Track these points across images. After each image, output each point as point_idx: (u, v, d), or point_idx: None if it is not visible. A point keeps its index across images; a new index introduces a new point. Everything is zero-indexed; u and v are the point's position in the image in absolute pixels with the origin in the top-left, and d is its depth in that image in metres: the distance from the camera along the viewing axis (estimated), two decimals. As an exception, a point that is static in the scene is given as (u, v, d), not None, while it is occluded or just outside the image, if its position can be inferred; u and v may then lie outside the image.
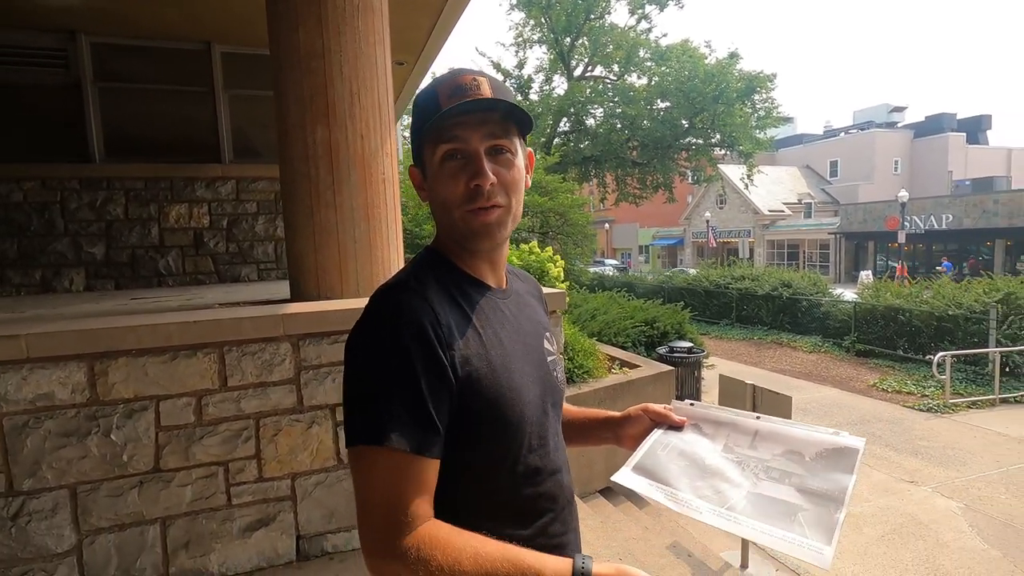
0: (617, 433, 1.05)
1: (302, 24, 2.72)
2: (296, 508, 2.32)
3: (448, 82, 0.81)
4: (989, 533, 4.23)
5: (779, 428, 0.92)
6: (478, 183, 0.79)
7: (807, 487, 0.81)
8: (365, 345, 0.76)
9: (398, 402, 0.71)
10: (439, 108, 0.79)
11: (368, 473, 0.71)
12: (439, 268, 0.86)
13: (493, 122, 0.81)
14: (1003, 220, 23.73)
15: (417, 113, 0.85)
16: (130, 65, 5.12)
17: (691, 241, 38.87)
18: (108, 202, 5.04)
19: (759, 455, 0.88)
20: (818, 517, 0.76)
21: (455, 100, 0.79)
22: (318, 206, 2.76)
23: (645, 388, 4.47)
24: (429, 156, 0.83)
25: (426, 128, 0.81)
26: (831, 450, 0.85)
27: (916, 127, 38.43)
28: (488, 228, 0.83)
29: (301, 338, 2.28)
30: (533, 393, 0.85)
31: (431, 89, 0.83)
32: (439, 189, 0.83)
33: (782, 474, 0.84)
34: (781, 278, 13.52)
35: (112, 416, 2.04)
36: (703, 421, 0.98)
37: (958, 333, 9.09)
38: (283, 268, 5.46)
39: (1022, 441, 6.29)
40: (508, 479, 0.82)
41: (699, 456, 0.90)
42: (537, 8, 19.06)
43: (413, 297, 0.78)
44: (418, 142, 0.85)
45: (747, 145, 18.45)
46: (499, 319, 0.86)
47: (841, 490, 0.79)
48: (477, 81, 0.81)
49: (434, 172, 0.83)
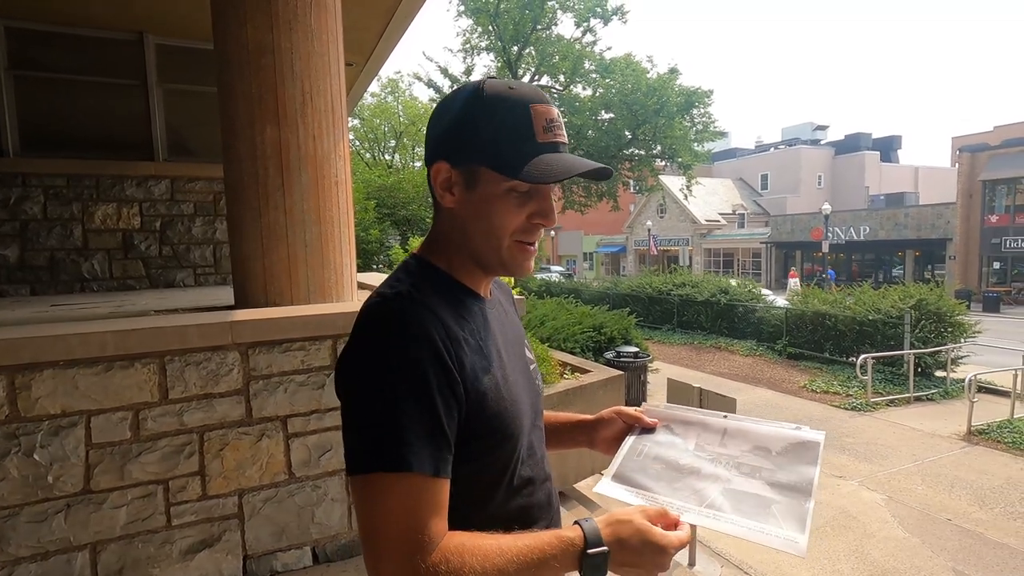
0: (590, 436, 1.05)
1: (250, 19, 2.61)
2: (244, 526, 2.20)
3: (542, 107, 0.76)
4: (909, 522, 4.56)
5: (746, 426, 0.96)
6: (543, 222, 0.79)
7: (776, 480, 0.84)
8: (368, 362, 0.70)
9: (412, 422, 0.67)
10: (533, 137, 0.75)
11: (382, 500, 0.66)
12: (432, 278, 0.82)
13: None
14: (912, 232, 25.90)
15: (497, 123, 0.75)
16: (52, 53, 4.74)
17: (633, 249, 40.01)
18: (24, 200, 4.63)
19: (729, 452, 0.91)
20: (790, 508, 0.79)
21: (549, 136, 0.75)
22: (267, 208, 2.64)
23: (596, 393, 4.54)
24: (493, 176, 0.76)
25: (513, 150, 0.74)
26: (794, 444, 0.90)
27: (837, 144, 41.31)
28: (528, 266, 0.83)
29: (251, 346, 2.17)
30: (526, 403, 0.85)
31: (522, 105, 0.76)
32: (496, 214, 0.77)
33: (752, 469, 0.87)
34: (719, 285, 14.13)
35: (35, 434, 1.87)
36: (674, 422, 1.00)
37: (877, 336, 9.79)
38: (223, 273, 5.19)
39: (933, 436, 6.84)
40: (503, 491, 0.81)
41: (673, 457, 0.93)
42: (485, 16, 19.18)
43: (417, 308, 0.73)
44: (481, 155, 0.76)
45: (686, 157, 19.25)
46: (492, 329, 0.84)
47: (808, 481, 0.83)
48: (560, 117, 0.79)
49: (495, 194, 0.76)
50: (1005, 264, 23.80)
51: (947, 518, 4.63)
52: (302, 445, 2.29)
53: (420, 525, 0.66)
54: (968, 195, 24.27)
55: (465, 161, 0.77)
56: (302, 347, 2.28)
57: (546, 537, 0.69)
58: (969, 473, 5.59)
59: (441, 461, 0.69)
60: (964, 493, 5.13)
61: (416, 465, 0.66)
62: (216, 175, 4.62)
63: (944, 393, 8.60)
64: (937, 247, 25.27)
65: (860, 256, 28.81)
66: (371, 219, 12.61)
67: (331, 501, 2.35)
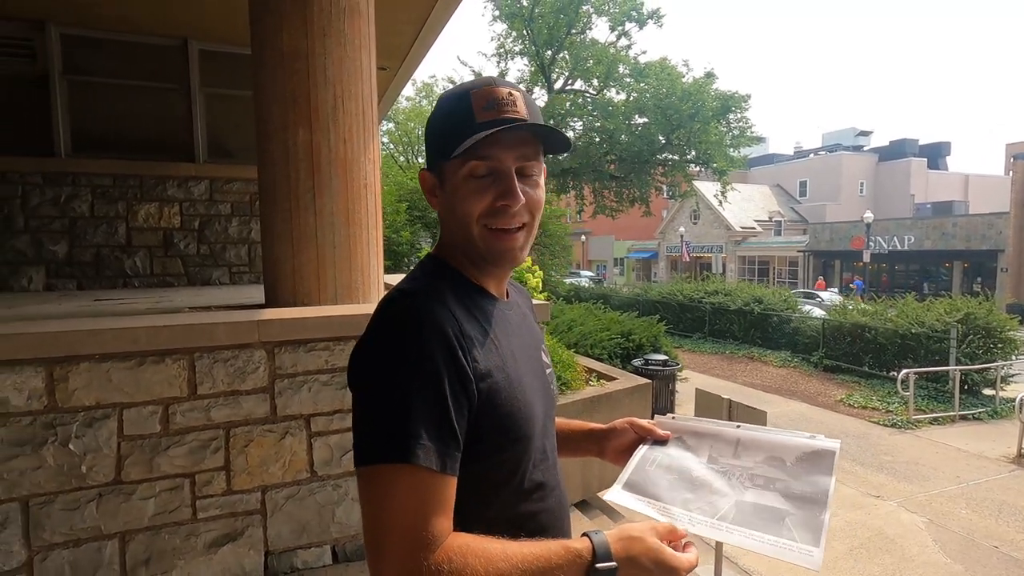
0: (601, 446, 1.04)
1: (286, 25, 2.66)
2: (266, 522, 2.23)
3: (482, 91, 0.78)
4: (952, 548, 4.34)
5: (759, 436, 0.93)
6: (507, 203, 0.78)
7: (791, 491, 0.82)
8: (383, 355, 0.71)
9: (423, 416, 0.67)
10: (472, 118, 0.76)
11: (388, 493, 0.66)
12: (448, 277, 0.83)
13: (528, 143, 0.79)
14: (960, 243, 24.78)
15: (443, 118, 0.81)
16: (102, 59, 4.96)
17: (665, 255, 39.45)
18: (73, 198, 4.84)
19: (743, 464, 0.89)
20: (804, 520, 0.77)
21: (490, 114, 0.76)
22: (297, 210, 2.69)
23: (622, 401, 4.47)
24: (453, 167, 0.79)
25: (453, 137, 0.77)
26: (809, 453, 0.87)
27: (881, 151, 39.91)
28: (512, 253, 0.82)
29: (277, 345, 2.21)
30: (540, 407, 0.84)
31: (462, 95, 0.79)
32: (460, 202, 0.80)
33: (767, 480, 0.85)
34: (753, 294, 13.80)
35: (71, 424, 1.93)
36: (686, 434, 0.99)
37: (920, 351, 9.39)
38: (256, 272, 5.32)
39: (980, 457, 6.51)
40: (512, 493, 0.80)
41: (686, 469, 0.91)
42: (519, 20, 19.23)
43: (434, 304, 0.74)
44: (439, 149, 0.80)
45: (721, 163, 18.86)
46: (507, 330, 0.85)
47: (823, 492, 0.80)
48: (513, 95, 0.78)
49: (456, 184, 0.80)
50: (1062, 278, 22.55)
51: (993, 545, 4.39)
52: (324, 444, 2.32)
53: (424, 522, 0.65)
54: (1022, 205, 23.11)
55: (433, 162, 0.83)
56: (327, 347, 2.30)
57: (553, 546, 0.68)
58: (1018, 498, 5.29)
59: (449, 458, 0.68)
60: (1012, 519, 4.86)
61: (423, 459, 0.66)
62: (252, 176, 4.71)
63: (992, 413, 8.19)
64: (987, 259, 24.12)
65: (904, 266, 27.71)
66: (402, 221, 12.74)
67: (351, 501, 2.37)
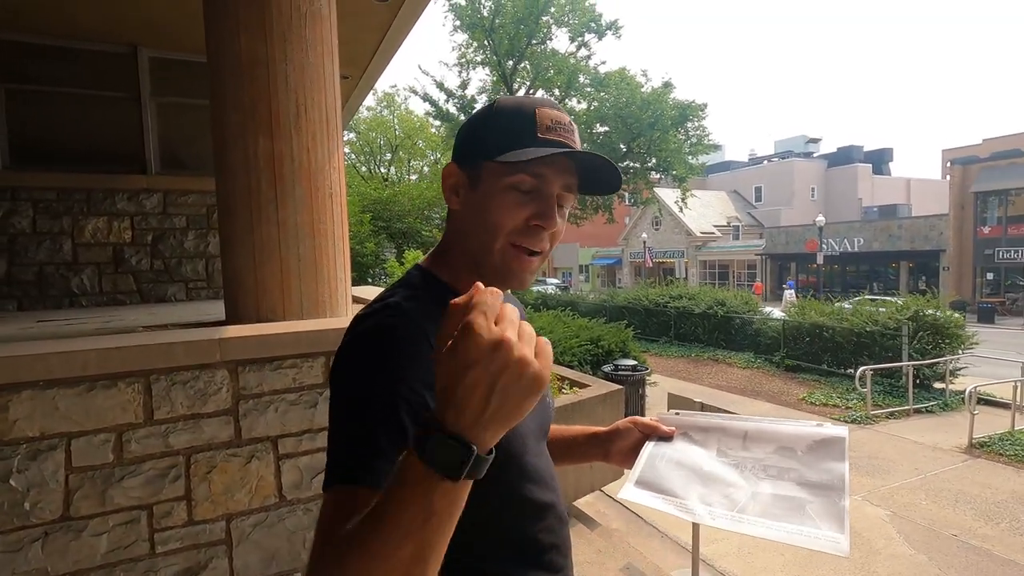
0: (606, 448, 1.01)
1: (244, 30, 2.56)
2: (232, 553, 2.10)
3: (548, 112, 0.77)
4: (915, 539, 4.48)
5: (766, 426, 0.92)
6: (541, 224, 0.76)
7: (807, 480, 0.81)
8: (347, 374, 0.69)
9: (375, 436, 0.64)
10: (534, 132, 0.75)
11: (327, 513, 0.62)
12: (432, 290, 0.80)
13: (574, 174, 0.78)
14: (906, 244, 26.06)
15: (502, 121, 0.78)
16: (43, 67, 4.69)
17: (629, 261, 40.07)
18: (12, 214, 4.55)
19: (753, 455, 0.88)
20: (825, 508, 0.76)
21: (553, 135, 0.75)
22: (259, 221, 2.57)
23: (595, 408, 4.47)
24: (496, 173, 0.76)
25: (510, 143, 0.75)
26: (819, 441, 0.86)
27: (829, 157, 41.70)
28: (524, 276, 0.79)
29: (240, 364, 2.09)
30: (533, 422, 0.81)
31: (527, 107, 0.78)
32: (494, 210, 0.76)
33: (780, 471, 0.84)
34: (715, 297, 14.11)
35: (12, 458, 1.78)
36: (691, 429, 0.96)
37: (875, 348, 9.77)
38: (215, 287, 5.11)
39: (935, 449, 6.78)
40: (509, 514, 0.77)
41: (696, 463, 0.89)
42: (480, 31, 19.32)
43: (405, 321, 0.71)
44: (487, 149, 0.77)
45: (681, 170, 19.34)
46: None
47: (839, 478, 0.80)
48: (573, 126, 0.79)
49: (495, 191, 0.76)
50: (998, 275, 23.95)
51: (952, 534, 4.56)
52: (293, 467, 2.21)
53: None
54: (960, 207, 24.48)
55: (471, 160, 0.79)
56: (294, 364, 2.20)
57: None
58: (972, 487, 5.52)
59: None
60: (968, 508, 5.06)
61: (364, 478, 0.62)
62: (209, 188, 4.53)
63: (944, 405, 8.57)
64: (931, 258, 25.42)
65: (855, 267, 28.92)
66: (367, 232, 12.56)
67: (323, 525, 2.26)
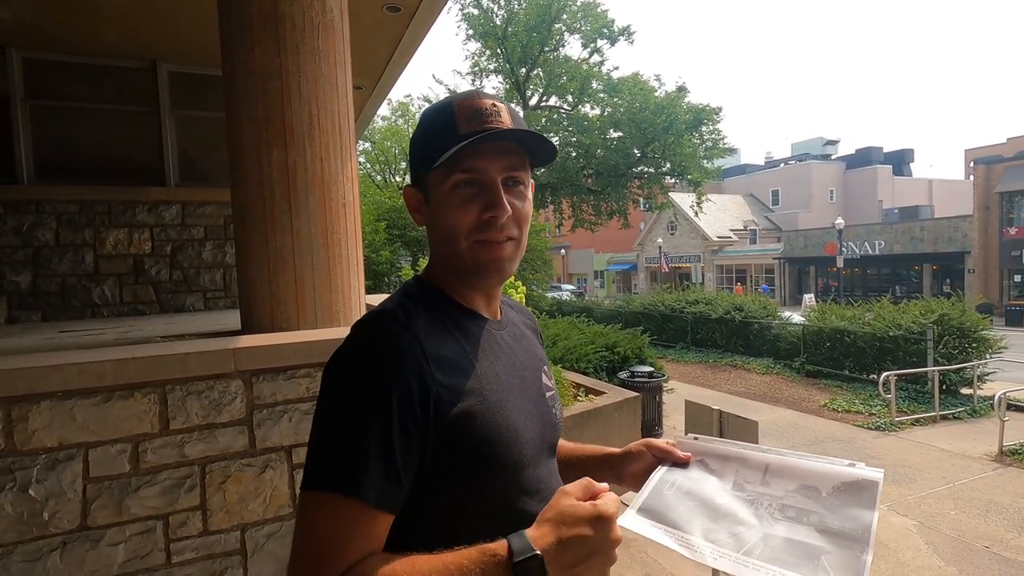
0: (618, 471, 0.97)
1: (257, 44, 2.60)
2: (246, 563, 2.10)
3: (466, 104, 0.77)
4: (944, 550, 4.34)
5: (791, 461, 0.84)
6: (494, 215, 0.75)
7: (827, 526, 0.73)
8: (338, 380, 0.69)
9: (363, 447, 0.64)
10: (455, 129, 0.74)
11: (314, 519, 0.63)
12: (429, 298, 0.80)
13: (513, 153, 0.77)
14: (928, 246, 25.50)
15: (427, 130, 0.79)
16: (67, 83, 4.82)
17: (644, 266, 39.81)
18: (36, 227, 4.66)
19: (772, 492, 0.80)
20: (843, 561, 0.68)
21: (475, 125, 0.74)
22: (273, 231, 2.60)
23: (612, 416, 4.42)
24: (437, 180, 0.77)
25: (438, 150, 0.74)
26: (848, 484, 0.78)
27: (848, 159, 41.06)
28: (499, 264, 0.78)
29: (254, 374, 2.10)
30: (532, 432, 0.78)
31: (446, 107, 0.78)
32: (446, 216, 0.77)
33: (799, 512, 0.76)
34: (733, 302, 13.93)
35: (31, 468, 1.80)
36: (709, 456, 0.90)
37: (899, 353, 9.53)
38: (232, 297, 5.17)
39: (963, 456, 6.58)
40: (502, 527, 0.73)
41: (708, 495, 0.82)
42: (493, 39, 19.44)
43: (397, 328, 0.71)
44: (423, 163, 0.78)
45: (696, 174, 19.18)
46: (495, 352, 0.80)
47: (864, 529, 0.71)
48: (497, 107, 0.77)
49: (441, 198, 0.77)
50: (1026, 277, 23.31)
51: (984, 545, 4.41)
52: (307, 476, 2.20)
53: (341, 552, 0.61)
54: (985, 207, 23.91)
55: (418, 178, 0.81)
56: (307, 374, 2.20)
57: (468, 552, 0.62)
58: (1004, 496, 5.34)
59: (386, 494, 0.65)
60: (1000, 518, 4.89)
61: (355, 491, 0.62)
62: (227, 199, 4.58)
63: (972, 411, 8.32)
64: (955, 260, 24.82)
65: (876, 270, 28.37)
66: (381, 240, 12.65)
67: (337, 535, 2.25)
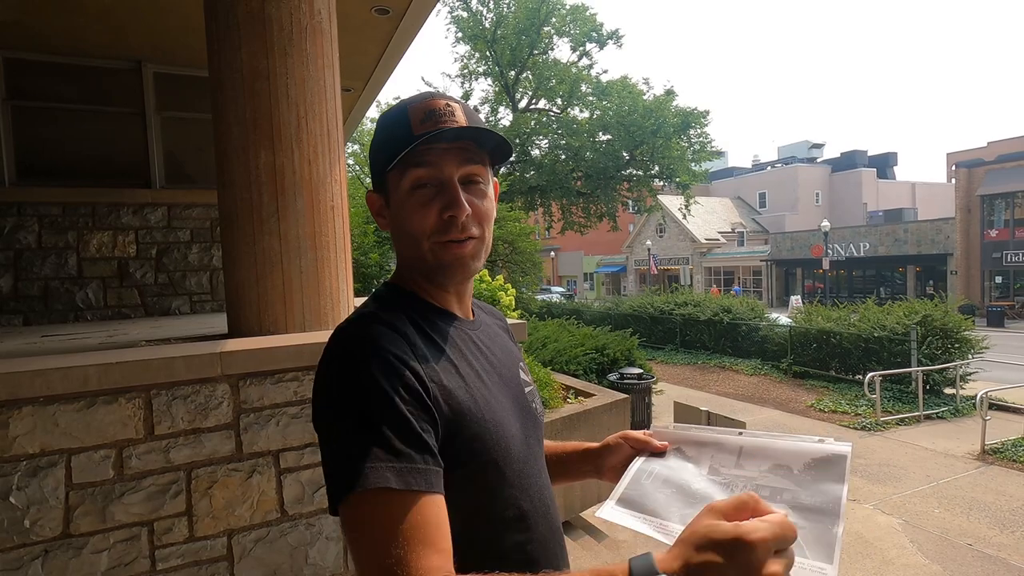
0: (597, 465, 0.98)
1: (245, 45, 2.58)
2: (233, 569, 2.08)
3: (420, 105, 0.77)
4: (929, 548, 4.39)
5: (763, 442, 0.86)
6: (453, 214, 0.74)
7: (800, 503, 0.74)
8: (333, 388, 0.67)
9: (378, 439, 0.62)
10: (410, 132, 0.74)
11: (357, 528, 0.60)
12: (403, 301, 0.80)
13: (469, 150, 0.77)
14: (912, 248, 25.89)
15: (383, 134, 0.79)
16: (50, 83, 4.75)
17: (634, 268, 39.99)
18: (18, 229, 4.58)
19: (746, 474, 0.82)
20: (816, 534, 0.69)
21: (428, 125, 0.74)
22: (261, 234, 2.58)
23: (601, 417, 4.43)
24: (395, 182, 0.77)
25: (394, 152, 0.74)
26: (818, 459, 0.80)
27: (833, 162, 41.58)
28: (462, 261, 0.78)
29: (241, 378, 2.08)
30: (515, 427, 0.79)
31: (400, 110, 0.78)
32: (407, 219, 0.77)
33: (772, 491, 0.78)
34: (721, 304, 14.03)
35: (12, 475, 1.77)
36: (685, 444, 0.91)
37: (883, 354, 9.65)
38: (219, 300, 5.12)
39: (947, 455, 6.67)
40: (494, 525, 0.74)
41: (685, 481, 0.84)
42: (482, 42, 19.47)
43: (382, 328, 0.71)
44: (381, 166, 0.78)
45: (684, 177, 19.33)
46: (472, 350, 0.81)
47: (835, 502, 0.73)
48: (451, 107, 0.77)
49: (401, 200, 0.77)
50: (1007, 278, 23.73)
51: (967, 543, 4.47)
52: (295, 481, 2.19)
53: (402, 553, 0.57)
54: (967, 210, 24.32)
55: (377, 180, 0.82)
56: (295, 377, 2.19)
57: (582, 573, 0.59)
58: (986, 495, 5.43)
59: (414, 473, 0.61)
60: (983, 516, 4.97)
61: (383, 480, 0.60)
62: (213, 201, 4.56)
63: (954, 411, 8.45)
64: (938, 262, 25.22)
65: (862, 272, 28.74)
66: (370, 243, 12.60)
67: (326, 540, 2.24)
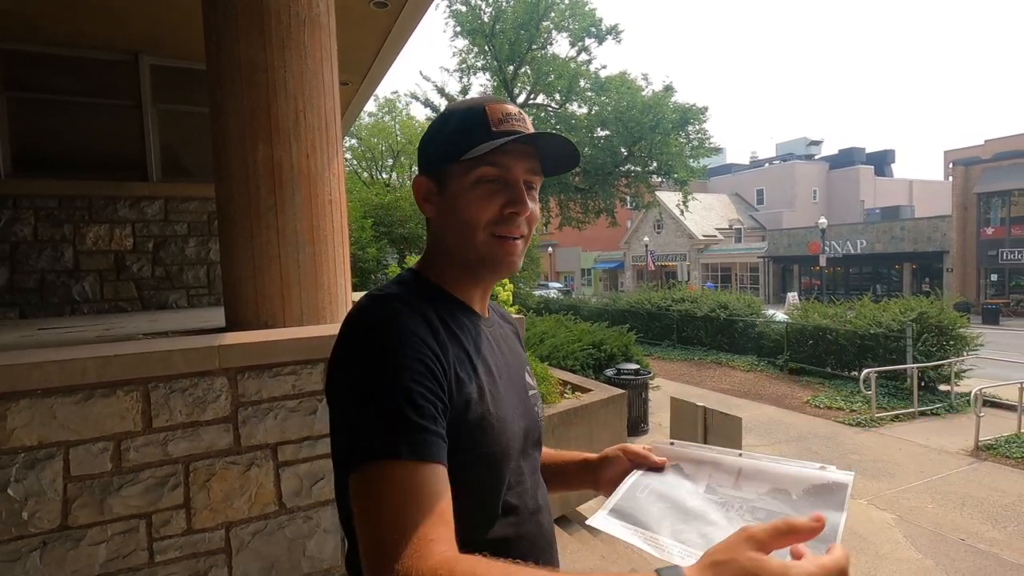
0: (595, 476, 0.99)
1: (243, 37, 2.57)
2: (231, 562, 2.08)
3: (497, 106, 0.81)
4: (922, 543, 4.43)
5: (763, 465, 0.86)
6: (515, 210, 0.79)
7: None
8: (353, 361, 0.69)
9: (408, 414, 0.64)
10: (488, 128, 0.78)
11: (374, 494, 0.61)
12: (425, 289, 0.82)
13: (535, 158, 0.81)
14: (908, 245, 25.97)
15: (455, 125, 0.81)
16: (45, 74, 4.72)
17: (631, 264, 40.03)
18: (14, 222, 4.56)
19: (743, 495, 0.82)
20: None
21: (505, 126, 0.78)
22: (258, 228, 2.57)
23: (598, 412, 4.45)
24: (459, 173, 0.80)
25: (469, 145, 0.78)
26: (818, 486, 0.80)
27: (831, 159, 41.63)
28: (511, 259, 0.81)
29: (239, 371, 2.08)
30: (517, 426, 0.81)
31: (477, 106, 0.81)
32: (465, 207, 0.79)
33: (768, 514, 0.77)
34: (718, 300, 14.07)
35: (10, 468, 1.77)
36: (684, 461, 0.92)
37: (879, 350, 9.71)
38: (216, 293, 5.11)
39: (941, 452, 6.73)
40: (484, 518, 0.76)
41: (680, 498, 0.84)
42: (480, 36, 19.39)
43: (404, 307, 0.74)
44: (444, 155, 0.81)
45: (682, 173, 19.33)
46: (486, 347, 0.83)
47: (832, 530, 0.71)
48: (522, 115, 0.82)
49: (461, 190, 0.80)
50: (1003, 276, 23.83)
51: (960, 538, 4.52)
52: (293, 474, 2.19)
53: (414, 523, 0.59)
54: (963, 208, 24.39)
55: (435, 166, 0.83)
56: (293, 371, 2.19)
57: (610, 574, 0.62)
58: (979, 490, 5.47)
59: (430, 446, 0.64)
60: (976, 511, 5.01)
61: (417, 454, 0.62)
62: (210, 195, 4.52)
63: (949, 407, 8.51)
64: (934, 260, 25.31)
65: (858, 269, 28.82)
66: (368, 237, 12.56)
67: (324, 532, 2.25)
